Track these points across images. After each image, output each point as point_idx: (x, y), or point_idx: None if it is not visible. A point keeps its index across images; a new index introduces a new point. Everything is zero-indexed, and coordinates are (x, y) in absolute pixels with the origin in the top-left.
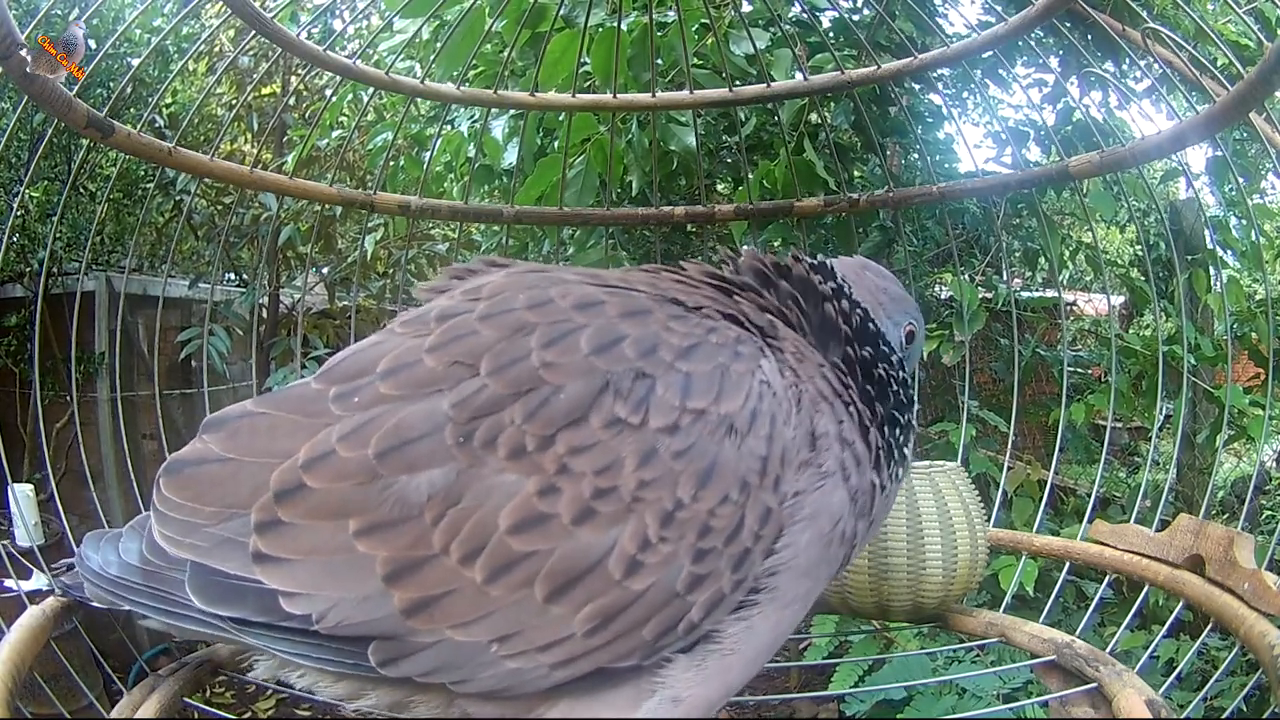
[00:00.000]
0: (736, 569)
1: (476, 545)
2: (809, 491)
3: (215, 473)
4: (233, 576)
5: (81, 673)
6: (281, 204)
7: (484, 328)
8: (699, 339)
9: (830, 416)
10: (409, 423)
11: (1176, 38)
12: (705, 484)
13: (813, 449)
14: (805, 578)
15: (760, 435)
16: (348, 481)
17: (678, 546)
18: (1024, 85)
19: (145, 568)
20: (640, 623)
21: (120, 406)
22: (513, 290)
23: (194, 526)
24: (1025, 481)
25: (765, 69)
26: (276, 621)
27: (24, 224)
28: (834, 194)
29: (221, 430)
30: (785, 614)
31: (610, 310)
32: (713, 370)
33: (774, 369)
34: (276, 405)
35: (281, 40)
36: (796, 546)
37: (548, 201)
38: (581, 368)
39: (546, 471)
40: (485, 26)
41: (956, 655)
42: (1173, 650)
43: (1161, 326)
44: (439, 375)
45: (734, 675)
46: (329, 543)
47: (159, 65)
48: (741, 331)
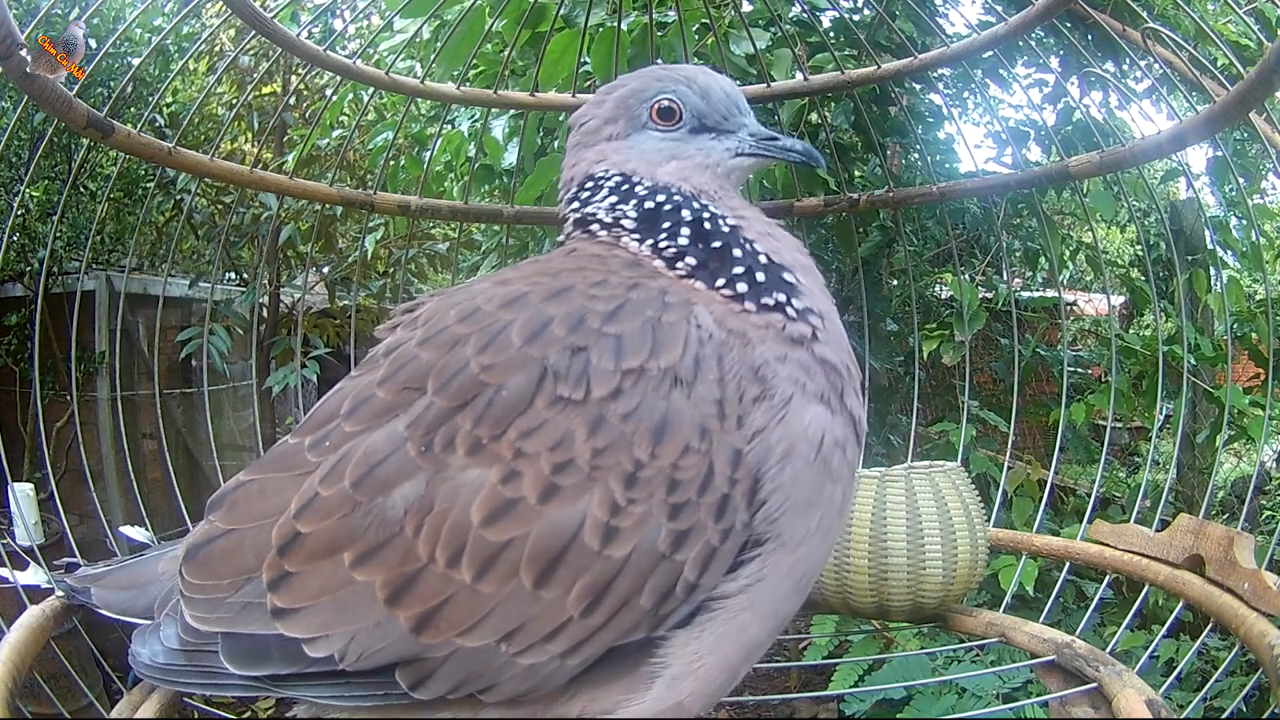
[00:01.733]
0: (719, 518)
1: (457, 546)
2: (772, 426)
3: (223, 546)
4: (258, 637)
5: (81, 673)
6: (282, 204)
7: (423, 351)
8: (622, 298)
9: (764, 348)
10: (374, 448)
11: (1177, 38)
12: (661, 439)
13: (758, 380)
14: (810, 509)
15: (709, 380)
16: (334, 517)
17: (649, 505)
18: (1024, 85)
19: (185, 649)
20: (634, 592)
21: (120, 406)
22: (443, 310)
23: (217, 601)
24: (1025, 481)
25: (765, 69)
26: (305, 669)
27: (24, 223)
28: (834, 194)
29: (222, 506)
30: (800, 552)
31: (534, 299)
32: (642, 326)
33: (704, 312)
34: (263, 469)
35: (282, 40)
36: (784, 487)
37: (547, 201)
38: (518, 361)
39: (505, 459)
40: (485, 26)
41: (956, 655)
42: (1173, 650)
43: (1161, 326)
44: (393, 403)
45: (752, 632)
46: (332, 580)
47: (159, 65)
48: (667, 281)
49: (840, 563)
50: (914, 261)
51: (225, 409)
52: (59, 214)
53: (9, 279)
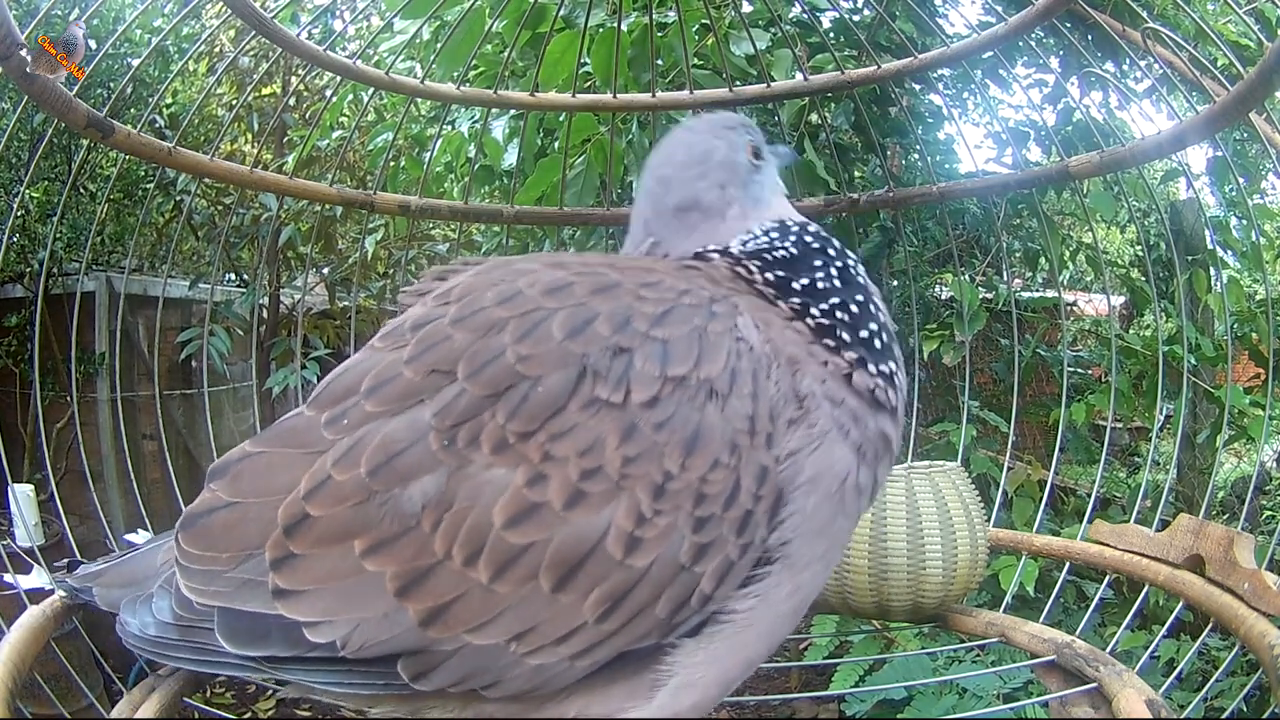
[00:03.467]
0: (740, 533)
1: (476, 546)
2: (805, 452)
3: (225, 519)
4: (257, 616)
5: (81, 673)
6: (282, 204)
7: (456, 331)
8: (672, 302)
9: (812, 376)
10: (394, 436)
11: (1177, 38)
12: (692, 452)
13: (800, 408)
14: (820, 538)
15: (743, 394)
16: (346, 504)
17: (675, 518)
18: (1024, 85)
19: (178, 623)
20: (650, 601)
21: (120, 407)
22: (480, 288)
23: (214, 574)
24: (1025, 482)
25: (765, 69)
26: (305, 654)
27: (24, 224)
28: (834, 194)
29: (225, 476)
30: (804, 576)
31: (579, 291)
32: (690, 333)
33: (749, 324)
34: (272, 442)
35: (282, 40)
36: (804, 512)
37: (548, 202)
38: (557, 355)
39: (532, 461)
40: (485, 27)
41: (957, 655)
42: (1173, 650)
43: (1162, 327)
44: (419, 386)
45: (751, 649)
46: (340, 567)
47: (159, 65)
48: (714, 289)
49: (840, 563)
50: (914, 262)
51: (225, 410)
52: (59, 215)
53: (9, 280)
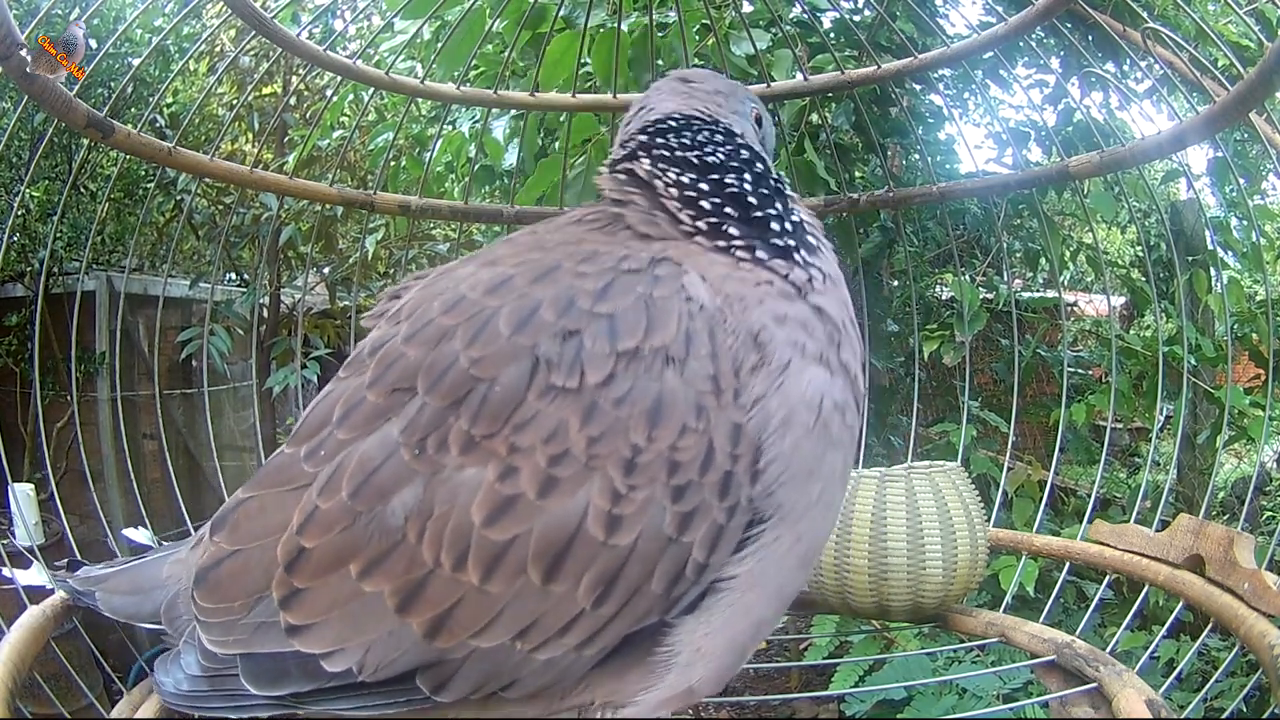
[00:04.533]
0: (724, 496)
1: (461, 548)
2: (770, 394)
3: (231, 568)
4: (275, 655)
5: (81, 673)
6: (282, 204)
7: (410, 348)
8: (612, 274)
9: (762, 309)
10: (369, 455)
11: (1177, 38)
12: (657, 422)
13: (758, 351)
14: (812, 479)
15: (701, 355)
16: (335, 530)
17: (651, 490)
18: (1024, 86)
19: (206, 674)
20: (644, 578)
21: (120, 406)
22: (427, 301)
23: (231, 624)
24: (1025, 482)
25: (766, 69)
26: (325, 685)
27: (24, 224)
28: (835, 194)
29: (225, 527)
30: (803, 525)
31: (519, 283)
32: (635, 302)
33: (696, 282)
34: (261, 484)
35: (282, 40)
36: (784, 456)
37: (548, 202)
38: (508, 351)
39: (500, 455)
40: (486, 27)
41: (956, 655)
42: (1173, 650)
43: (1162, 327)
44: (384, 407)
45: (758, 611)
46: (342, 593)
47: (159, 65)
48: (653, 247)
49: (840, 563)
50: (914, 262)
51: (225, 409)
52: (59, 214)
53: (9, 279)
